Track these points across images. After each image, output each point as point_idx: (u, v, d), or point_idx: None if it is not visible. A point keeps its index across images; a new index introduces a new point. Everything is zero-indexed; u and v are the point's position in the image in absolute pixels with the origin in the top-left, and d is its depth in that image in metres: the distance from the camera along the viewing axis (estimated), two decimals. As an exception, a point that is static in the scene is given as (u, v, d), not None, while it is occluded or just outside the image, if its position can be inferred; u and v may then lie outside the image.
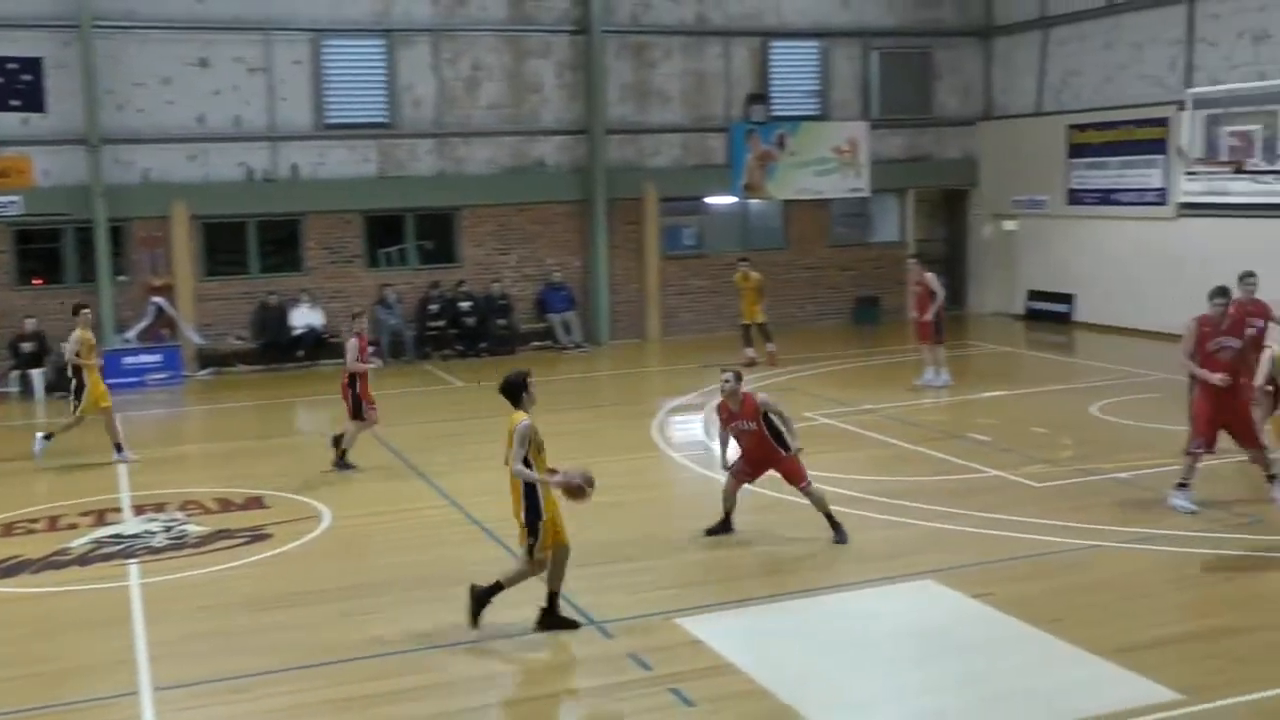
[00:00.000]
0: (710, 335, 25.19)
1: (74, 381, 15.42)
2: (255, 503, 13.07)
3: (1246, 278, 13.37)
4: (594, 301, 24.69)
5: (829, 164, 25.96)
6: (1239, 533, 10.97)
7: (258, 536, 11.81)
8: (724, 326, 25.61)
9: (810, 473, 11.10)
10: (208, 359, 22.57)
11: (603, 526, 11.81)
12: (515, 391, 9.00)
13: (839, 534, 10.92)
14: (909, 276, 19.28)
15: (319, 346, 22.59)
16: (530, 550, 8.90)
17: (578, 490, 8.85)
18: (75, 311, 15.88)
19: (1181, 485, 11.61)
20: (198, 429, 19.01)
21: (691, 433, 16.43)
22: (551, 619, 9.02)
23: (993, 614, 9.12)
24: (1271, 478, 11.64)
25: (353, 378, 14.59)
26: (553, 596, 9.05)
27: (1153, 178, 23.10)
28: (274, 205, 23.09)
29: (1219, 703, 7.43)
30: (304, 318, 22.72)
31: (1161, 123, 22.71)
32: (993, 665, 8.30)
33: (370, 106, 23.59)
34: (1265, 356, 12.35)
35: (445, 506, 12.82)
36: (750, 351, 21.00)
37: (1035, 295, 26.27)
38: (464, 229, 24.37)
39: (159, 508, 12.91)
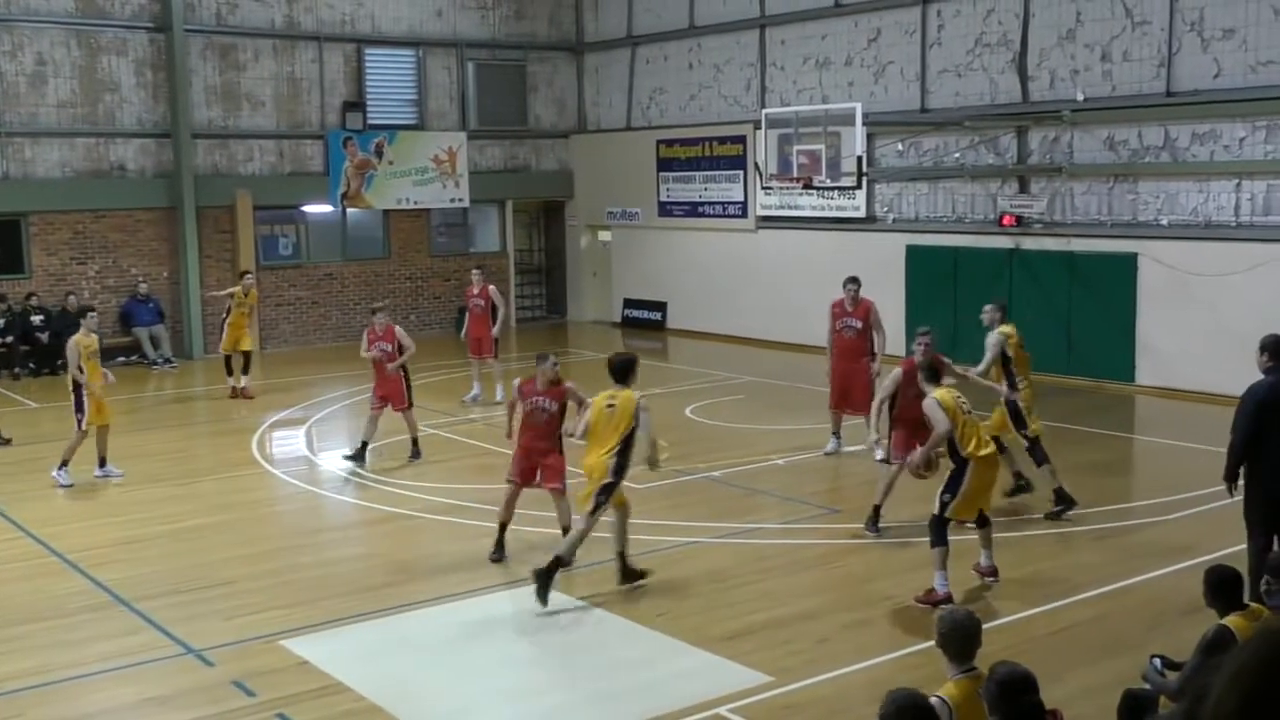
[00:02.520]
0: (311, 348, 24.54)
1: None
2: None
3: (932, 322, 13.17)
4: (185, 314, 23.43)
5: (428, 174, 25.92)
6: (815, 523, 11.85)
7: None
8: (326, 338, 25.05)
9: (419, 483, 11.01)
10: None
11: (199, 549, 11.26)
12: (628, 369, 9.93)
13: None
14: (470, 289, 18.35)
15: None
16: (597, 509, 9.57)
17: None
18: (83, 314, 14.91)
19: (835, 435, 14.18)
20: None
21: (294, 449, 15.89)
22: (629, 574, 9.89)
23: (601, 614, 9.39)
24: (878, 441, 12.84)
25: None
26: (622, 556, 9.93)
27: (735, 192, 24.60)
28: None
29: (805, 682, 8.00)
30: None
31: (740, 140, 24.22)
32: (602, 663, 8.55)
33: (-83, 101, 21.33)
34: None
35: (19, 539, 11.74)
36: (234, 381, 19.16)
37: (631, 303, 27.32)
38: (33, 237, 22.47)
39: None
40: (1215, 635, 6.13)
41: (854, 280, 14.26)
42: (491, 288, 18.40)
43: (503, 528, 10.69)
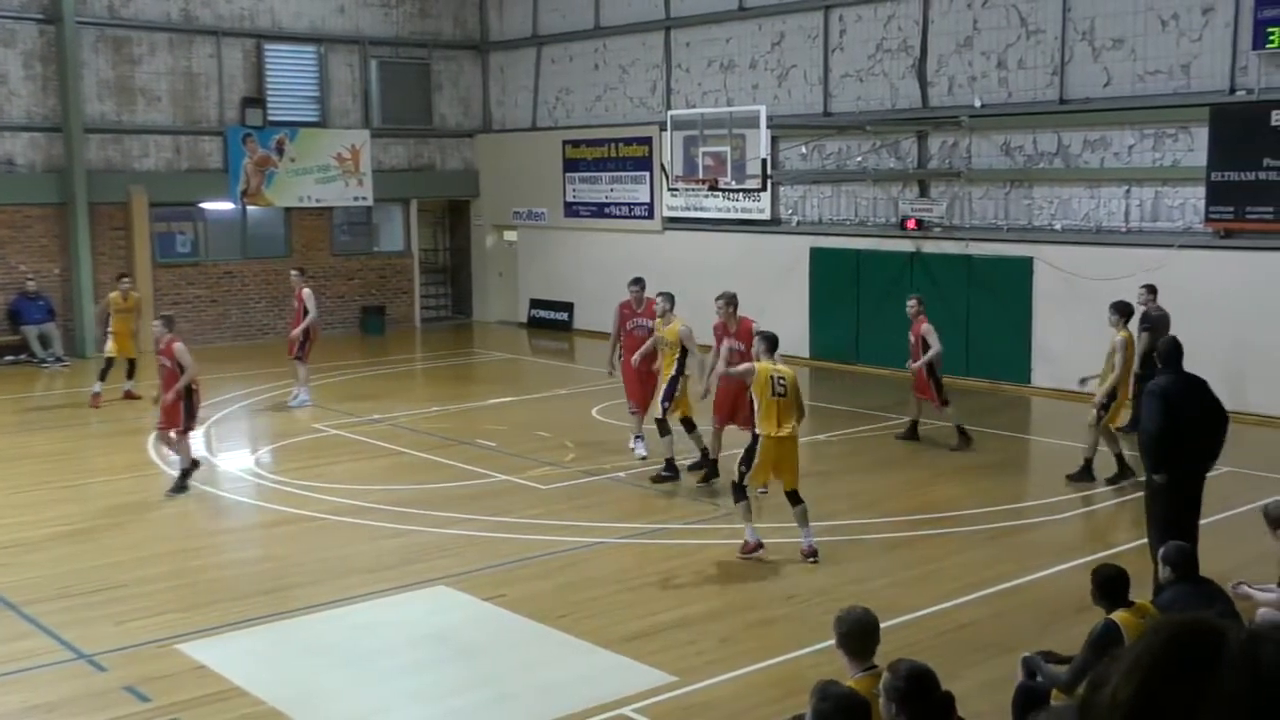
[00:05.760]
0: (210, 347, 24.04)
1: None
2: None
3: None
4: (76, 312, 22.84)
5: (330, 172, 25.58)
6: (719, 523, 11.93)
7: None
8: (225, 337, 24.59)
9: (320, 484, 10.87)
10: None
11: (90, 552, 10.99)
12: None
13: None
14: (294, 290, 17.95)
15: None
16: None
17: None
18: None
19: (638, 437, 14.31)
20: None
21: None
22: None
23: (505, 615, 9.35)
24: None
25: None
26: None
27: (641, 193, 24.65)
28: None
29: (709, 681, 8.04)
30: None
31: (646, 141, 24.28)
32: (506, 664, 8.52)
33: None
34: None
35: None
36: (100, 387, 17.87)
37: (537, 304, 27.22)
38: (-83, 232, 21.76)
39: None
40: (1103, 630, 6.30)
41: (638, 281, 15.05)
42: (306, 291, 17.74)
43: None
